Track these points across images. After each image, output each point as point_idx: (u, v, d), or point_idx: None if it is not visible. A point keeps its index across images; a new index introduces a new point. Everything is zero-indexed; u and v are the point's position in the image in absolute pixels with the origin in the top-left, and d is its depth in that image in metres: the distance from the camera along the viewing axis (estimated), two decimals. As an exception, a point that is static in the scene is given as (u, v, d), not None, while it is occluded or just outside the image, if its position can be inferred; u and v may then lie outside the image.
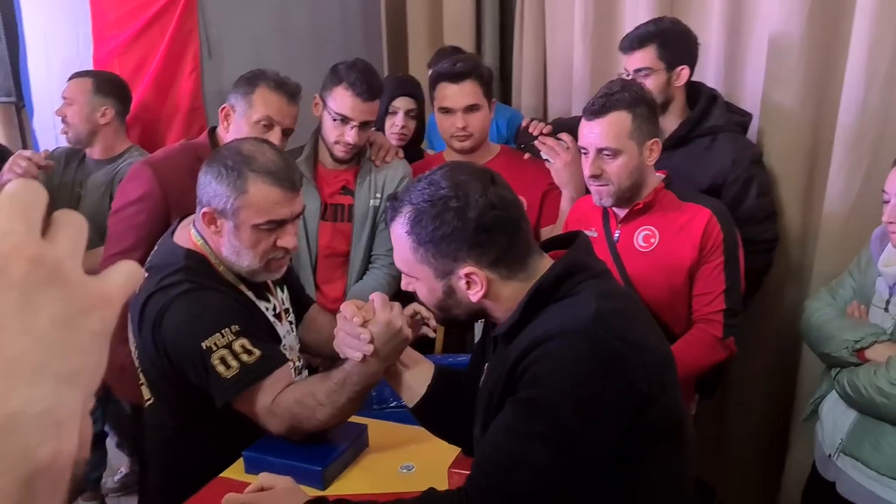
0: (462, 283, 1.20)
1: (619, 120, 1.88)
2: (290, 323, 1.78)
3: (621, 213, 2.01)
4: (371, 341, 1.38)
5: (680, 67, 2.31)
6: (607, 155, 1.89)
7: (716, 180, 2.18)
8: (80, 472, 0.39)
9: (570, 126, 2.45)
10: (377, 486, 1.48)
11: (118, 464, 3.27)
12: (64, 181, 2.62)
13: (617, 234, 2.02)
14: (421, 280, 1.23)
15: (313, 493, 1.30)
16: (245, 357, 1.48)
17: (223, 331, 1.48)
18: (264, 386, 1.50)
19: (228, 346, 1.47)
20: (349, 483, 1.51)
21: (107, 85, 2.55)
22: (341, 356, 1.46)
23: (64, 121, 2.56)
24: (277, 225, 1.55)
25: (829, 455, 1.86)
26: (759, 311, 2.27)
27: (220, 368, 1.47)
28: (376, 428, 1.67)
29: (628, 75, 2.32)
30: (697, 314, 1.97)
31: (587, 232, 2.11)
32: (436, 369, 1.45)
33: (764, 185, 2.25)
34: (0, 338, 0.34)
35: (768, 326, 2.18)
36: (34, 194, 0.38)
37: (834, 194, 2.20)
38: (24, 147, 2.79)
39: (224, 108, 2.10)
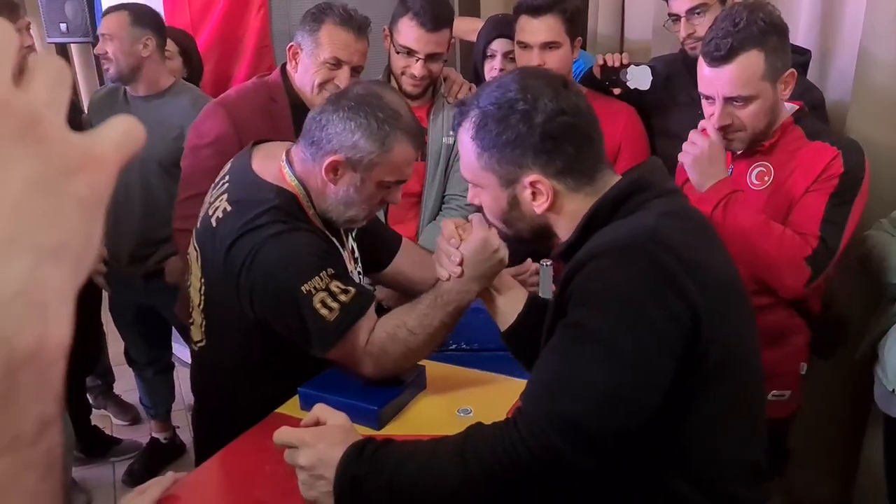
0: (527, 194, 1.16)
1: (751, 62, 1.63)
2: (358, 273, 1.73)
3: None
4: (460, 263, 1.38)
5: None
6: (738, 103, 1.68)
7: None
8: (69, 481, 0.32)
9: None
10: (433, 428, 1.42)
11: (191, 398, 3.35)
12: None
13: (730, 170, 1.82)
14: (486, 189, 1.20)
15: (366, 432, 1.27)
16: (343, 297, 1.44)
17: (321, 273, 1.43)
18: (362, 325, 1.46)
19: (327, 289, 1.43)
20: (405, 424, 1.49)
21: (144, 17, 2.47)
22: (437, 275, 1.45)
23: (105, 57, 2.48)
24: (400, 182, 1.53)
25: (893, 391, 1.79)
26: (848, 268, 2.11)
27: (324, 312, 1.42)
28: (434, 370, 1.63)
29: (678, 18, 2.14)
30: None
31: None
32: (529, 297, 1.41)
33: (813, 133, 2.00)
34: None
35: (859, 285, 2.03)
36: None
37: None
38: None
39: (291, 46, 2.03)
